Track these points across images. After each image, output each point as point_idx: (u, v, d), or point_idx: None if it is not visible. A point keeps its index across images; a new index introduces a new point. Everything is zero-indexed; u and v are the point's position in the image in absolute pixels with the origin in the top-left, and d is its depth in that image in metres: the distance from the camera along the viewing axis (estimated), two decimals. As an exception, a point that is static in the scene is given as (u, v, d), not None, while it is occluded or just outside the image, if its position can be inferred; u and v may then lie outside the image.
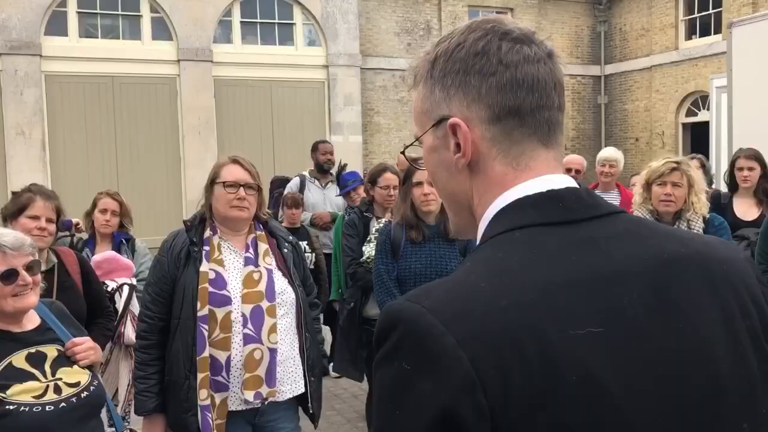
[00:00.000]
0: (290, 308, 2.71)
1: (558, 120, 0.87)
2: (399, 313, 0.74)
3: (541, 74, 0.85)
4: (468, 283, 0.76)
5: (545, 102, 0.85)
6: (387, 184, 4.14)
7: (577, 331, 0.72)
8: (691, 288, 0.80)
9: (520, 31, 0.86)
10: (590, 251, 0.79)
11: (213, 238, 2.68)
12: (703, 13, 14.91)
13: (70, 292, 2.98)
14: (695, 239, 0.89)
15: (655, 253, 0.81)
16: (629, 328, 0.75)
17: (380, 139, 15.53)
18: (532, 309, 0.73)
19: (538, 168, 0.85)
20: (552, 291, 0.74)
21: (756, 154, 4.73)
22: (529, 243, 0.80)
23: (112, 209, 3.96)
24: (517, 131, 0.85)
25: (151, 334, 2.64)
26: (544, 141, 0.86)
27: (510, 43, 0.85)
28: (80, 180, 12.34)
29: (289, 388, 2.69)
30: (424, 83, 0.91)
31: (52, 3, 12.41)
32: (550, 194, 0.83)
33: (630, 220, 0.86)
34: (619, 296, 0.76)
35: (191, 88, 13.30)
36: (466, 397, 0.69)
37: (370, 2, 15.21)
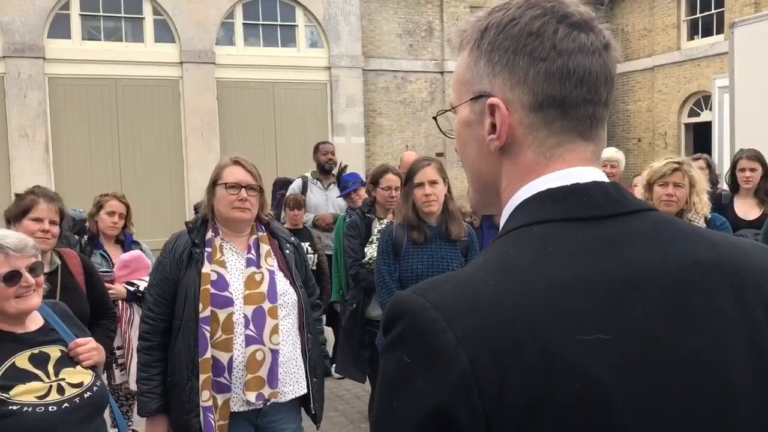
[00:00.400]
0: (292, 309, 2.72)
1: (602, 116, 0.83)
2: (404, 305, 0.74)
3: (593, 67, 0.80)
4: (476, 280, 0.75)
5: (592, 97, 0.81)
6: (389, 185, 4.15)
7: (584, 337, 0.69)
8: (713, 297, 0.75)
9: (580, 15, 0.81)
10: (609, 252, 0.75)
11: (215, 240, 2.68)
12: (705, 14, 14.90)
13: (73, 293, 3.00)
14: (729, 245, 0.82)
15: (678, 257, 0.77)
16: (640, 337, 0.71)
17: (382, 141, 15.54)
18: (538, 311, 0.70)
19: (571, 160, 0.82)
20: (561, 292, 0.72)
21: (758, 155, 4.74)
22: (545, 239, 0.77)
23: (120, 212, 3.98)
24: (558, 123, 0.81)
25: (153, 335, 2.65)
26: (584, 134, 0.82)
27: (567, 29, 0.80)
28: (83, 182, 12.36)
29: (291, 389, 2.70)
30: (470, 51, 0.85)
31: (55, 6, 12.45)
32: (574, 188, 0.80)
33: (659, 219, 0.81)
34: (633, 302, 0.72)
35: (194, 90, 13.33)
36: (461, 396, 0.68)
37: (372, 4, 15.23)
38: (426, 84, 15.92)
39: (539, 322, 0.70)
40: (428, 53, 15.91)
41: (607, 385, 0.69)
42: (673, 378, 0.72)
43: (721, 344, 0.74)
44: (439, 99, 16.02)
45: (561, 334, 0.69)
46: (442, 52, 15.94)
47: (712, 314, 0.75)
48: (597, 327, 0.70)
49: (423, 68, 15.83)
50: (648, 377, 0.71)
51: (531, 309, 0.70)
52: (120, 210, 3.97)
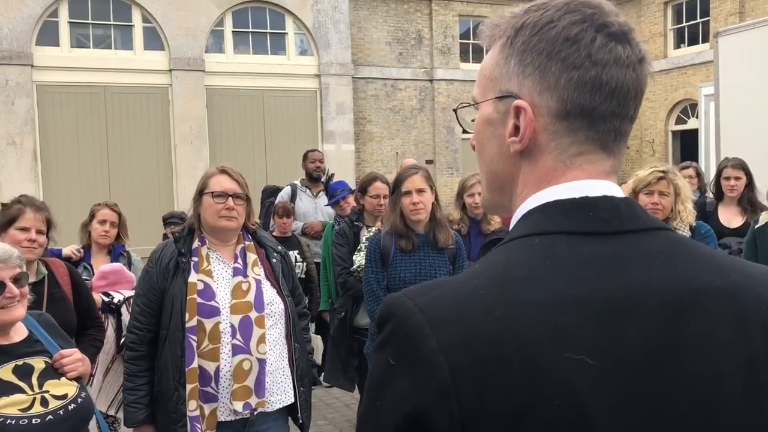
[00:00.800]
0: (279, 318, 2.72)
1: (626, 131, 0.81)
2: (393, 308, 0.74)
3: (626, 80, 0.78)
4: (467, 287, 0.74)
5: (621, 111, 0.79)
6: (377, 193, 4.16)
7: (571, 355, 0.68)
8: (712, 325, 0.73)
9: (619, 26, 0.79)
10: (610, 270, 0.73)
11: (201, 249, 2.68)
12: (691, 22, 15.05)
13: (60, 303, 2.98)
14: (739, 270, 0.78)
15: (682, 281, 0.74)
16: (630, 361, 0.70)
17: (372, 148, 15.57)
18: (528, 324, 0.69)
19: (590, 171, 0.80)
20: (555, 308, 0.70)
21: (742, 164, 4.79)
22: (545, 252, 0.75)
23: (111, 220, 3.97)
24: (583, 132, 0.79)
25: (140, 345, 2.64)
26: (606, 147, 0.80)
27: (605, 39, 0.77)
28: (72, 190, 12.31)
29: (278, 398, 2.69)
30: (501, 48, 0.83)
31: (43, 13, 12.41)
32: (583, 201, 0.77)
33: (669, 239, 0.78)
34: (628, 325, 0.71)
35: (183, 97, 13.31)
36: (439, 403, 0.68)
37: (362, 12, 15.28)
38: (416, 92, 15.97)
39: (526, 335, 0.69)
40: (418, 61, 15.97)
41: (589, 405, 0.68)
42: (660, 406, 0.70)
43: (715, 375, 0.72)
44: (429, 107, 16.08)
45: (548, 349, 0.68)
46: (432, 60, 16.00)
47: (708, 343, 0.72)
48: (587, 346, 0.69)
49: (412, 76, 15.89)
50: (633, 402, 0.69)
51: (519, 322, 0.70)
52: (111, 218, 3.96)
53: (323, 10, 14.34)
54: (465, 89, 16.41)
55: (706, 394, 0.71)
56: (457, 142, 16.39)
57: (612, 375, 0.69)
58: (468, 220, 4.37)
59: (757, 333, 0.74)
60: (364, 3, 15.30)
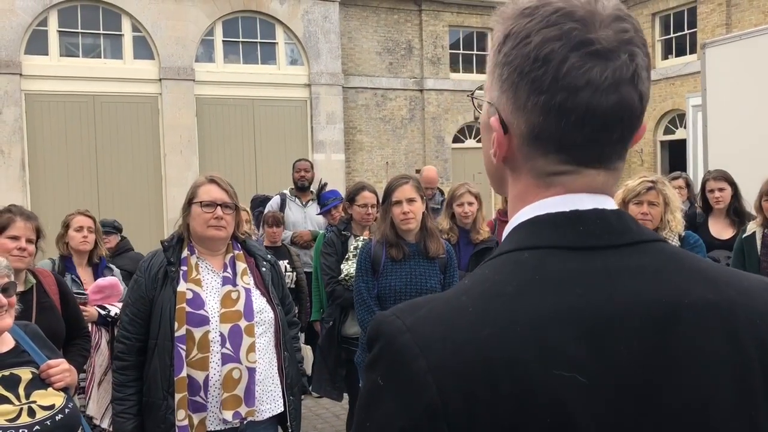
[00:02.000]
0: (269, 327, 2.71)
1: (611, 153, 0.76)
2: (382, 326, 0.73)
3: (602, 105, 0.72)
4: (455, 305, 0.72)
5: (597, 137, 0.74)
6: (365, 203, 4.16)
7: (561, 373, 0.67)
8: (703, 340, 0.71)
9: (605, 42, 0.71)
10: (599, 286, 0.71)
11: (190, 258, 2.68)
12: (678, 33, 15.21)
13: (48, 312, 2.97)
14: (734, 284, 0.76)
15: (673, 296, 0.72)
16: (621, 378, 0.69)
17: (363, 158, 15.59)
18: (516, 342, 0.68)
19: (573, 187, 0.77)
20: (543, 325, 0.69)
21: (724, 175, 4.83)
22: (534, 267, 0.73)
23: (87, 225, 3.93)
24: (554, 156, 0.76)
25: (128, 355, 2.63)
26: (594, 167, 0.76)
27: (580, 60, 0.71)
28: (60, 200, 12.23)
29: (268, 407, 2.68)
30: (494, 54, 0.79)
31: (32, 22, 12.38)
32: (572, 215, 0.75)
33: (663, 252, 0.76)
34: (618, 341, 0.69)
35: (173, 106, 13.29)
36: (428, 424, 0.67)
37: (352, 22, 15.34)
38: (406, 101, 16.02)
39: (516, 354, 0.68)
40: (408, 71, 16.03)
41: (581, 423, 0.67)
42: (652, 423, 0.69)
43: (706, 391, 0.70)
44: (419, 116, 16.14)
45: (537, 368, 0.67)
46: (422, 70, 16.07)
47: (699, 359, 0.71)
48: (577, 364, 0.68)
49: (403, 86, 15.95)
50: (625, 419, 0.68)
51: (508, 340, 0.68)
52: (87, 224, 3.93)
53: (313, 20, 14.38)
54: (455, 99, 16.48)
55: (698, 410, 0.70)
56: (447, 152, 16.44)
57: (603, 392, 0.68)
58: (457, 229, 4.38)
59: (751, 348, 0.72)
60: (354, 13, 15.36)
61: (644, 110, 0.76)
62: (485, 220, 4.55)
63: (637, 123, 0.76)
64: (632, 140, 0.78)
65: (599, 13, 0.73)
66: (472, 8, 16.51)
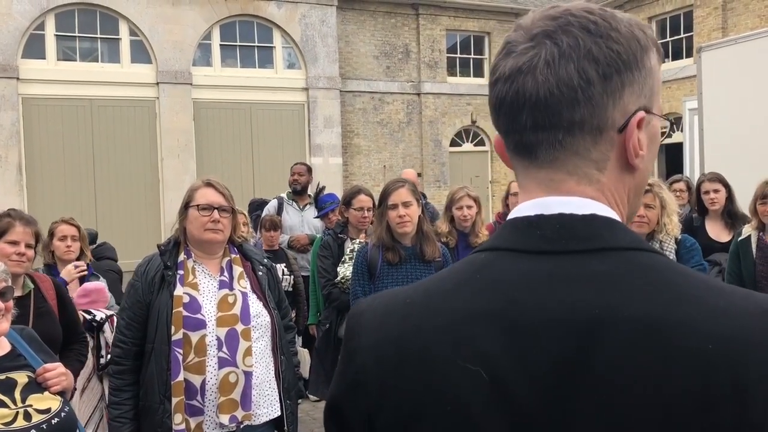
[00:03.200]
0: (265, 331, 2.71)
1: (534, 141, 0.77)
2: (353, 306, 0.87)
3: (508, 96, 0.77)
4: (402, 296, 0.81)
5: (512, 126, 0.78)
6: (361, 206, 4.17)
7: (467, 366, 0.70)
8: (627, 359, 0.67)
9: (513, 42, 0.78)
10: (536, 289, 0.72)
11: (187, 262, 2.67)
12: (674, 37, 15.26)
13: (46, 317, 2.96)
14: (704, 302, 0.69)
15: (612, 307, 0.69)
16: (532, 379, 0.69)
17: (360, 161, 15.60)
18: (431, 333, 0.74)
19: (530, 189, 0.79)
20: (463, 320, 0.73)
21: (719, 177, 4.84)
22: (481, 267, 0.77)
23: (71, 234, 3.91)
24: (508, 151, 0.82)
25: (125, 359, 2.62)
26: (531, 161, 0.79)
27: (498, 59, 0.79)
28: (57, 204, 12.22)
29: (264, 411, 2.68)
30: None
31: (30, 26, 12.38)
32: (534, 219, 0.76)
33: (627, 261, 0.73)
34: (537, 344, 0.69)
35: (170, 110, 13.30)
36: (351, 395, 0.79)
37: (349, 26, 15.37)
38: (403, 105, 16.05)
39: (428, 345, 0.74)
40: (405, 75, 16.06)
41: (480, 417, 0.69)
42: (557, 428, 0.68)
43: (618, 411, 0.67)
44: (416, 120, 16.16)
45: (445, 358, 0.73)
46: (419, 73, 16.10)
47: (618, 376, 0.67)
48: (487, 360, 0.70)
49: (400, 90, 15.97)
50: (529, 420, 0.69)
51: (425, 330, 0.75)
52: (71, 233, 3.90)
53: (311, 24, 14.41)
54: (452, 103, 16.51)
55: (605, 428, 0.67)
56: (444, 155, 16.46)
57: (511, 391, 0.69)
58: (456, 232, 4.39)
59: (688, 374, 0.66)
60: (351, 17, 15.39)
61: (558, 96, 0.74)
62: (484, 223, 4.56)
63: (549, 109, 0.75)
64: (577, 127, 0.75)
65: (528, 22, 0.78)
66: (469, 12, 16.55)
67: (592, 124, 0.75)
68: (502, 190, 13.00)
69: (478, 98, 16.79)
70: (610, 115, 0.75)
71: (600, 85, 0.74)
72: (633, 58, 0.76)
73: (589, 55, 0.74)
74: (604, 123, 0.75)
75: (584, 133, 0.76)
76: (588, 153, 0.76)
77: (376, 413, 0.76)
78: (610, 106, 0.75)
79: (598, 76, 0.74)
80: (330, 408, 0.83)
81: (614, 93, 0.75)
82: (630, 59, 0.76)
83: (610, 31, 0.75)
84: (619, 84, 0.75)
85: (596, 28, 0.75)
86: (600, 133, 0.76)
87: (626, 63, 0.75)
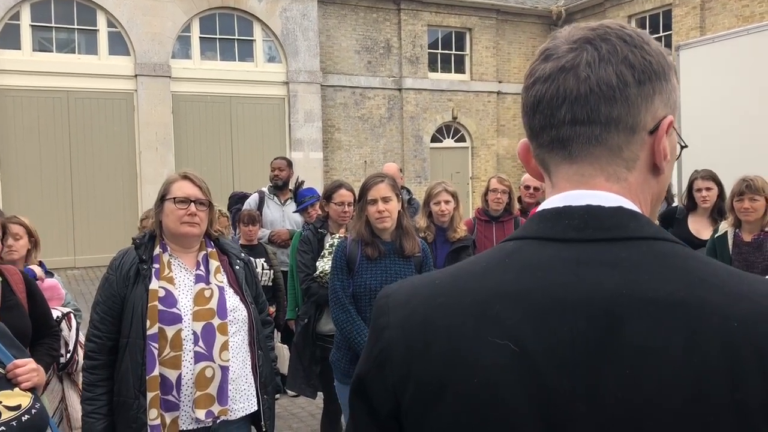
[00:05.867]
0: (242, 325, 2.69)
1: (572, 135, 0.81)
2: (382, 290, 0.89)
3: (546, 93, 0.82)
4: (430, 278, 0.85)
5: (549, 121, 0.82)
6: (341, 201, 4.15)
7: (495, 340, 0.74)
8: (655, 339, 0.70)
9: (552, 49, 0.84)
10: (563, 272, 0.76)
11: (163, 256, 2.64)
12: (654, 36, 15.33)
13: (14, 310, 2.90)
14: (723, 286, 0.74)
15: (637, 290, 0.73)
16: (558, 357, 0.72)
17: (341, 156, 15.57)
18: (459, 310, 0.78)
19: (561, 185, 0.84)
20: (493, 299, 0.77)
21: (712, 175, 4.89)
22: (510, 252, 0.81)
23: (14, 233, 3.79)
24: (538, 151, 0.86)
25: (99, 354, 2.58)
26: (564, 157, 0.83)
27: (535, 65, 0.85)
28: (33, 196, 12.04)
29: (241, 406, 2.66)
30: None
31: (4, 16, 12.17)
32: (563, 210, 0.81)
33: (650, 249, 0.77)
34: (563, 322, 0.73)
35: (149, 103, 13.15)
36: (378, 370, 0.82)
37: (331, 20, 15.30)
38: (384, 100, 16.03)
39: (456, 320, 0.78)
40: (386, 70, 16.04)
41: (506, 387, 0.73)
42: (581, 407, 0.71)
43: (645, 389, 0.70)
44: (398, 115, 16.15)
45: (472, 333, 0.76)
46: (400, 69, 16.09)
47: (646, 356, 0.70)
48: (514, 335, 0.74)
49: (381, 85, 15.95)
50: (555, 397, 0.71)
51: (452, 307, 0.79)
52: (13, 231, 3.78)
53: (292, 17, 14.32)
54: (433, 98, 16.52)
55: (634, 406, 0.69)
56: (425, 151, 16.48)
57: (537, 366, 0.73)
58: (434, 228, 4.38)
59: (714, 351, 0.69)
60: (333, 11, 15.33)
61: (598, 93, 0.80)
62: (462, 219, 4.56)
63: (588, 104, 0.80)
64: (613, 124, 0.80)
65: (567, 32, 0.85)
66: (450, 8, 16.56)
67: (627, 122, 0.80)
68: (482, 186, 13.06)
69: (459, 94, 16.83)
70: (643, 117, 0.81)
71: (635, 87, 0.80)
72: (662, 71, 0.82)
73: (626, 61, 0.80)
74: (637, 123, 0.81)
75: (619, 131, 0.81)
76: (620, 151, 0.81)
77: (402, 388, 0.79)
78: (643, 108, 0.80)
79: (633, 79, 0.80)
80: (356, 384, 0.85)
81: (647, 97, 0.81)
82: (660, 71, 0.82)
83: (643, 44, 0.82)
84: (651, 90, 0.81)
85: (631, 39, 0.82)
86: (633, 132, 0.81)
87: (657, 73, 0.82)
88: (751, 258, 4.11)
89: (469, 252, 4.31)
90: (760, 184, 4.10)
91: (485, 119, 17.31)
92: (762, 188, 4.10)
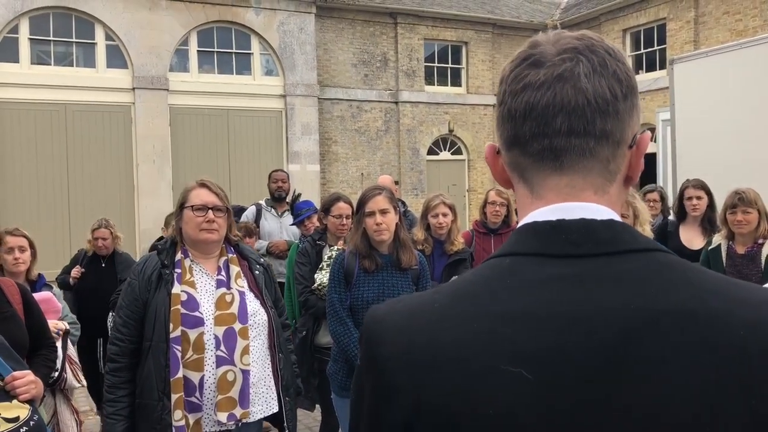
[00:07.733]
0: (262, 330, 2.74)
1: (566, 146, 0.80)
2: (368, 314, 0.83)
3: (540, 101, 0.79)
4: (426, 301, 0.80)
5: (543, 130, 0.80)
6: (339, 213, 4.16)
7: (508, 368, 0.72)
8: (668, 351, 0.70)
9: (540, 55, 0.81)
10: (569, 290, 0.74)
11: (184, 261, 2.70)
12: (648, 49, 15.54)
13: (11, 321, 2.90)
14: (725, 294, 0.74)
15: (646, 303, 0.73)
16: (572, 378, 0.71)
17: (338, 168, 15.60)
18: (468, 336, 0.74)
19: (548, 197, 0.81)
20: (498, 322, 0.74)
21: (703, 184, 4.93)
22: (510, 272, 0.78)
23: (19, 245, 3.81)
24: (520, 159, 0.83)
25: (121, 356, 2.63)
26: (555, 168, 0.81)
27: (521, 69, 0.82)
28: (30, 210, 12.04)
29: (260, 408, 2.72)
30: None
31: (3, 29, 12.21)
32: (557, 224, 0.79)
33: (651, 260, 0.77)
34: (573, 342, 0.72)
35: (146, 116, 13.18)
36: (386, 403, 0.77)
37: (328, 34, 15.39)
38: (381, 113, 16.09)
39: (466, 347, 0.74)
40: (383, 83, 16.12)
41: (524, 418, 0.70)
42: (598, 424, 0.70)
43: (662, 403, 0.69)
44: (394, 128, 16.21)
45: (484, 361, 0.72)
46: (397, 82, 16.17)
47: (660, 369, 0.70)
48: (527, 360, 0.71)
49: (378, 98, 16.02)
50: (572, 418, 0.70)
51: (460, 334, 0.74)
52: (18, 244, 3.79)
53: (289, 31, 14.40)
54: (430, 111, 16.59)
55: (650, 420, 0.69)
56: (422, 164, 16.53)
57: (550, 390, 0.71)
58: (432, 240, 4.40)
59: (728, 360, 0.70)
60: (330, 25, 15.42)
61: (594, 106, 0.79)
62: (460, 231, 4.58)
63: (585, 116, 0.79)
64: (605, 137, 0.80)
65: (549, 37, 0.83)
66: (446, 22, 16.68)
67: (615, 136, 0.81)
68: (479, 198, 13.07)
69: (455, 107, 16.90)
70: (627, 131, 0.82)
71: (623, 102, 0.81)
72: (636, 87, 0.83)
73: (615, 75, 0.80)
74: (623, 137, 0.81)
75: (609, 144, 0.81)
76: (608, 164, 0.81)
77: (415, 422, 0.75)
78: (627, 122, 0.81)
79: (621, 94, 0.80)
80: (368, 417, 0.80)
81: (630, 112, 0.82)
82: (636, 86, 0.83)
83: (622, 59, 0.83)
84: (632, 105, 0.82)
85: (614, 53, 0.82)
86: (618, 146, 0.81)
87: (634, 89, 0.82)
88: (745, 270, 4.13)
89: (467, 265, 4.32)
90: (752, 197, 4.14)
91: (481, 132, 17.39)
92: (754, 200, 4.14)
